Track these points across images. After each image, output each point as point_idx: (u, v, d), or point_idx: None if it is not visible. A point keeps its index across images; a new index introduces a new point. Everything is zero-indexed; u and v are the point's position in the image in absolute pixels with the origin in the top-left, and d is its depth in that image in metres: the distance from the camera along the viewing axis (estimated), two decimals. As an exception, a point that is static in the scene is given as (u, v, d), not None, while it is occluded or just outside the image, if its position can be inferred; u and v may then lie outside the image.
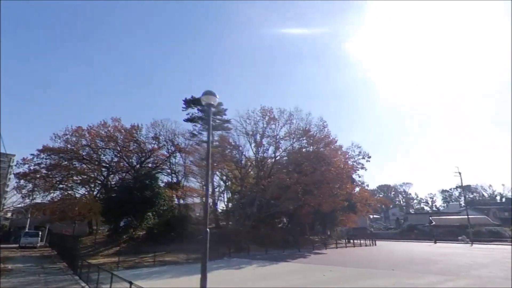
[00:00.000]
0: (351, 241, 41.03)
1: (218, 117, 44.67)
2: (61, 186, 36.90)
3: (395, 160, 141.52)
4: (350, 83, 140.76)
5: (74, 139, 36.62)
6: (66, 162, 36.15)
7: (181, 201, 42.97)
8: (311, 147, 33.74)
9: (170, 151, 39.78)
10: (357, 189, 42.56)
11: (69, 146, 36.39)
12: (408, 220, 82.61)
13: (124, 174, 37.33)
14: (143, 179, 30.80)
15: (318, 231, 47.62)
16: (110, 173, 37.77)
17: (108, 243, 29.60)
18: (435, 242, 44.07)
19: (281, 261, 20.14)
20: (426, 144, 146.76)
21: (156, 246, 28.14)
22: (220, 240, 30.46)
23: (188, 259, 21.26)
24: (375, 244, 36.97)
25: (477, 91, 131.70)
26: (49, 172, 36.14)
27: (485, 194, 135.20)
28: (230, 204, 50.29)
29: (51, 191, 36.42)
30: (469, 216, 64.23)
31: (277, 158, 34.68)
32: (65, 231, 43.30)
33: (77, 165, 36.96)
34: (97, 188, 38.43)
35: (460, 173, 60.64)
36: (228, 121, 43.49)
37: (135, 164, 38.24)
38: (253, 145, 35.31)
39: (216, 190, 44.35)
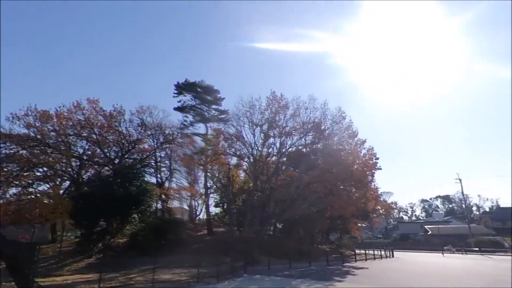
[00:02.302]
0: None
1: (214, 106, 39.12)
2: (17, 182, 29.55)
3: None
4: (333, 89, 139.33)
5: (38, 124, 29.61)
6: (25, 152, 28.97)
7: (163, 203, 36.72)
8: (329, 139, 28.93)
9: (157, 143, 33.40)
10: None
11: (31, 132, 29.28)
12: (399, 229, 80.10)
13: (100, 168, 30.49)
14: (127, 172, 24.51)
15: (320, 239, 42.76)
16: (83, 166, 30.86)
17: (77, 253, 22.95)
18: (463, 253, 39.62)
19: (329, 281, 14.83)
20: (406, 154, 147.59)
21: (141, 258, 21.97)
22: (222, 250, 24.75)
23: (197, 277, 15.28)
24: (393, 256, 32.33)
25: (464, 98, 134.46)
26: (4, 165, 28.81)
27: (463, 205, 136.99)
28: (220, 208, 44.60)
29: (5, 188, 28.98)
30: (464, 226, 62.50)
31: (288, 151, 29.57)
32: (22, 237, 35.50)
33: (41, 155, 29.75)
34: (65, 183, 31.39)
35: (460, 180, 58.59)
36: (225, 112, 38.05)
37: (114, 156, 31.55)
38: (258, 136, 30.10)
39: (209, 190, 38.56)
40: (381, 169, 29.91)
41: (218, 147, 33.92)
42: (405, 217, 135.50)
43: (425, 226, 65.57)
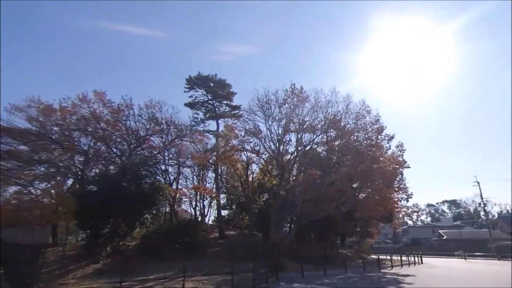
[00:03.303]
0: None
1: (225, 102, 37.12)
2: (17, 180, 27.35)
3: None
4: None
5: (41, 118, 27.58)
6: (26, 147, 26.85)
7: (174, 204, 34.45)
8: (354, 135, 26.77)
9: (167, 140, 31.22)
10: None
11: (33, 126, 27.21)
12: (408, 234, 77.76)
13: (107, 165, 28.33)
14: (137, 168, 22.31)
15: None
16: (88, 162, 28.72)
17: (82, 258, 20.69)
18: (500, 259, 36.50)
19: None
20: (408, 156, 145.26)
21: (154, 263, 19.80)
22: (240, 255, 22.53)
23: (231, 286, 13.00)
24: (422, 262, 29.89)
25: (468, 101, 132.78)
26: (3, 161, 26.64)
27: (471, 209, 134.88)
28: (228, 209, 42.51)
29: (4, 186, 26.77)
30: (483, 231, 60.24)
31: (308, 148, 27.53)
32: (20, 240, 33.20)
33: (42, 151, 27.57)
34: (69, 181, 29.28)
35: (478, 183, 56.28)
36: (238, 107, 36.06)
37: (121, 153, 29.35)
38: (276, 132, 28.03)
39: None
40: (409, 167, 27.80)
41: (231, 143, 31.93)
42: (410, 222, 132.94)
43: (439, 231, 63.20)
